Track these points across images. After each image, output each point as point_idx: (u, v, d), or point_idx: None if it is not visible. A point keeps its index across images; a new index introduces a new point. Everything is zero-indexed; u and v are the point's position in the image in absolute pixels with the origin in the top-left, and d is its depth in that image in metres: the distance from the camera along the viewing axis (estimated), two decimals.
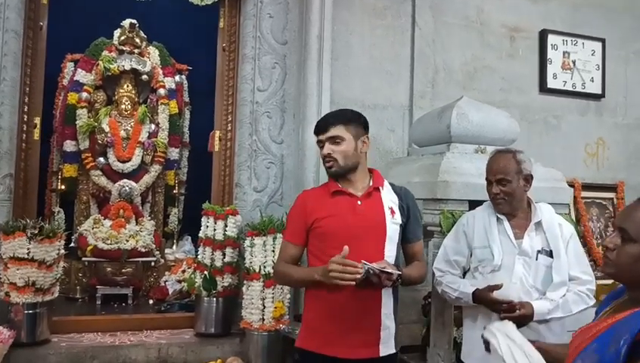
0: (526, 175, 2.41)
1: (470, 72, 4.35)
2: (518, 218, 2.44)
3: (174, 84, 5.40)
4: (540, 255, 2.36)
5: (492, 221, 2.45)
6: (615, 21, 4.84)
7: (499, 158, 2.45)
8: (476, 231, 2.48)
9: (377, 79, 4.00)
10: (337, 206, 2.23)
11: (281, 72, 3.77)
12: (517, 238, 2.40)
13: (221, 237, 3.46)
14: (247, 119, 3.71)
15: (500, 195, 2.40)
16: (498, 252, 2.39)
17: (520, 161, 2.40)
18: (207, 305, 3.46)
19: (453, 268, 2.56)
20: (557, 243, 2.36)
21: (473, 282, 2.48)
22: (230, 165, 3.84)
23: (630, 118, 4.91)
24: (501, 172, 2.40)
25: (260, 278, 3.28)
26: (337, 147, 2.22)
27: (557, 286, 2.33)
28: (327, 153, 2.22)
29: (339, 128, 2.22)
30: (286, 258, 2.27)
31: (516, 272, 2.37)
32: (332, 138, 2.21)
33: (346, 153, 2.22)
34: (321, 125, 2.24)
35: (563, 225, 2.42)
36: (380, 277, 2.03)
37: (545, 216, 2.41)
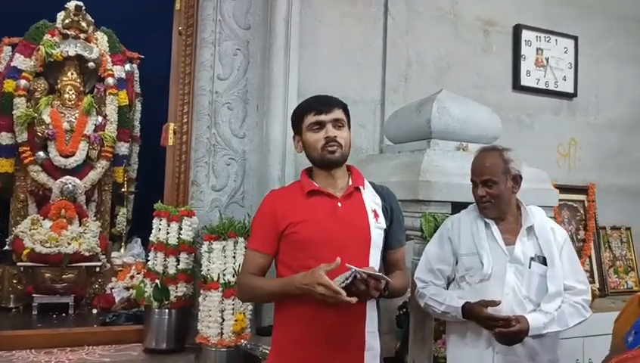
0: (514, 176, 2.18)
1: (443, 66, 4.11)
2: (507, 222, 2.22)
3: (124, 73, 5.03)
4: (533, 262, 2.15)
5: (480, 226, 2.22)
6: (587, 19, 4.71)
7: (485, 157, 2.22)
8: (463, 237, 2.24)
9: (347, 71, 3.71)
10: (314, 208, 1.92)
11: (244, 59, 3.44)
12: (507, 244, 2.18)
13: (175, 241, 3.11)
14: (206, 110, 3.36)
15: (486, 197, 2.17)
16: (487, 259, 2.16)
17: (508, 160, 2.18)
18: (158, 318, 3.10)
19: (437, 278, 2.31)
20: (550, 249, 2.16)
21: (460, 293, 2.24)
22: (186, 161, 3.48)
23: (602, 118, 4.79)
24: (488, 173, 2.17)
25: (219, 288, 2.93)
26: (340, 131, 1.94)
27: (553, 297, 2.11)
28: (333, 135, 1.91)
29: (340, 112, 1.96)
30: (252, 269, 1.95)
31: (508, 282, 2.14)
32: (336, 121, 1.93)
33: (347, 141, 1.96)
34: (324, 104, 1.94)
35: (556, 230, 2.22)
36: (368, 284, 1.74)
37: (536, 220, 2.20)
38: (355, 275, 1.72)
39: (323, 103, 1.96)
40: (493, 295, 2.13)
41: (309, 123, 1.94)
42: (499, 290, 2.13)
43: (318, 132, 1.93)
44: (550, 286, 2.12)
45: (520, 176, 2.21)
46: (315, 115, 1.93)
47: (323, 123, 1.92)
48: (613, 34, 4.83)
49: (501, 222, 2.22)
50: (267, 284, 1.93)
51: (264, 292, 1.95)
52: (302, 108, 1.99)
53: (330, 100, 1.98)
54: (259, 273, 1.95)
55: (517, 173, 2.20)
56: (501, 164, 2.18)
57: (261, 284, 1.93)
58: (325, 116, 1.92)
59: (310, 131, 1.94)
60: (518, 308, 2.12)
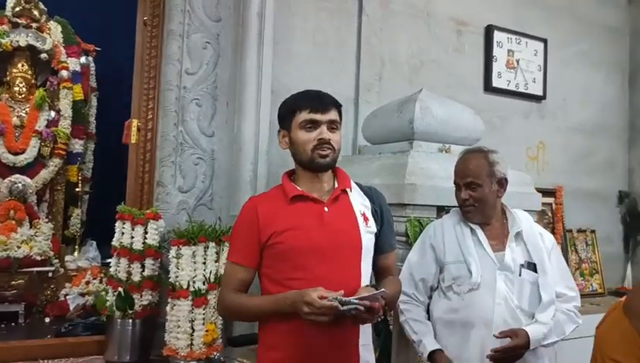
0: (499, 179, 2.10)
1: (416, 65, 4.02)
2: (492, 227, 2.13)
3: (79, 66, 4.76)
4: (524, 270, 2.05)
5: (466, 232, 2.12)
6: (556, 22, 4.73)
7: (469, 159, 2.13)
8: (448, 244, 2.13)
9: (321, 68, 3.57)
10: (300, 215, 1.77)
11: (214, 53, 3.24)
12: (495, 251, 2.07)
13: (140, 246, 2.89)
14: (173, 106, 3.15)
15: (469, 201, 2.08)
16: (476, 267, 2.05)
17: (493, 162, 2.09)
18: (121, 328, 2.87)
19: (419, 291, 2.20)
20: (540, 255, 2.08)
21: (448, 304, 2.12)
22: (150, 160, 3.26)
23: (569, 122, 4.81)
24: (471, 175, 2.08)
25: (189, 296, 2.74)
26: (334, 134, 1.79)
27: (546, 305, 2.04)
28: (327, 137, 1.76)
29: (336, 113, 1.81)
30: (234, 285, 1.78)
31: (499, 291, 2.04)
32: (332, 122, 1.78)
33: (339, 145, 1.82)
34: (321, 102, 1.78)
35: (544, 235, 2.16)
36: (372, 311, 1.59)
37: (524, 225, 2.11)
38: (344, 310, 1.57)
39: (320, 100, 1.79)
40: (484, 305, 2.03)
41: (303, 120, 1.78)
42: (490, 300, 2.03)
43: (311, 132, 1.77)
44: (543, 295, 2.04)
45: (506, 179, 2.12)
46: (311, 113, 1.77)
47: (318, 123, 1.77)
48: (581, 38, 4.87)
49: (487, 228, 2.13)
50: (254, 304, 1.76)
51: (249, 312, 1.79)
52: (296, 102, 1.82)
53: (327, 99, 1.82)
54: (242, 289, 1.79)
55: (503, 176, 2.11)
56: (486, 166, 2.09)
57: (246, 303, 1.77)
58: (321, 116, 1.76)
59: (302, 130, 1.79)
60: (511, 320, 2.02)
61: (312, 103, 1.77)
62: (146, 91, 3.29)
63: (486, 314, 2.04)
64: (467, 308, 2.08)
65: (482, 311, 2.05)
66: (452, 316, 2.10)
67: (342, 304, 1.54)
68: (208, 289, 2.77)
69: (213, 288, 2.77)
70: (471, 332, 2.05)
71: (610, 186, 5.06)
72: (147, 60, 3.32)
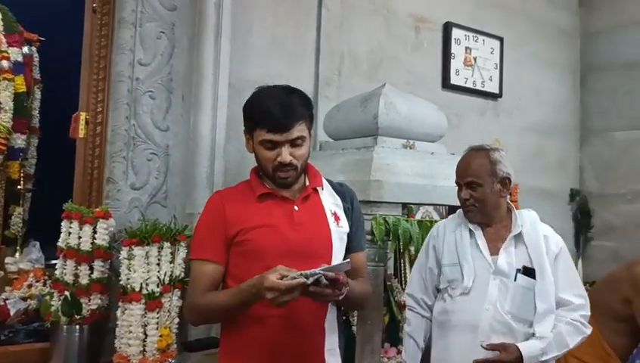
0: (502, 178, 2.02)
1: (375, 61, 3.97)
2: (495, 229, 2.05)
3: (21, 56, 4.42)
4: (519, 274, 1.96)
5: (464, 234, 2.04)
6: (511, 22, 4.79)
7: (470, 157, 2.06)
8: (446, 245, 2.07)
9: (280, 62, 3.46)
10: (269, 213, 1.67)
11: (169, 44, 3.08)
12: (493, 254, 2.00)
13: (88, 246, 2.71)
14: (124, 99, 2.97)
15: (470, 201, 2.00)
16: (468, 271, 1.99)
17: (495, 161, 2.02)
18: (68, 335, 2.68)
19: (428, 295, 2.15)
20: (541, 260, 1.97)
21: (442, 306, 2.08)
22: (100, 155, 3.07)
23: (523, 121, 4.88)
24: (472, 174, 2.01)
25: (141, 299, 2.58)
26: (298, 150, 1.66)
27: (543, 315, 1.93)
28: (286, 160, 1.64)
29: (302, 127, 1.65)
30: (205, 284, 1.66)
31: (489, 296, 1.96)
32: (295, 140, 1.64)
33: (305, 157, 1.69)
34: (282, 120, 1.61)
35: (549, 237, 2.03)
36: (335, 285, 1.50)
37: (526, 227, 2.02)
38: (320, 277, 1.48)
39: (282, 116, 1.61)
40: (472, 309, 1.96)
41: (262, 139, 1.65)
42: (479, 305, 1.96)
43: (271, 151, 1.65)
44: (539, 304, 1.94)
45: (509, 179, 2.05)
46: (269, 133, 1.62)
47: (278, 144, 1.64)
48: (534, 39, 4.95)
49: (488, 229, 2.05)
50: (223, 299, 1.63)
51: (221, 309, 1.63)
52: (256, 117, 1.66)
53: (291, 114, 1.63)
54: (213, 287, 1.67)
55: (506, 175, 2.04)
56: (487, 165, 2.02)
57: (216, 301, 1.64)
58: (281, 137, 1.62)
59: (261, 147, 1.67)
60: (499, 326, 1.95)
61: (272, 123, 1.62)
62: (95, 83, 3.10)
63: (472, 318, 1.98)
64: (456, 312, 2.03)
65: (469, 315, 1.99)
66: (444, 318, 2.06)
67: (307, 277, 1.45)
68: (162, 291, 2.62)
69: (168, 291, 2.63)
70: (458, 336, 2.00)
71: (562, 184, 5.17)
72: (97, 50, 3.13)
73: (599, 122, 5.19)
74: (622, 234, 4.95)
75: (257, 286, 1.49)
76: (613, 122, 5.09)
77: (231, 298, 1.60)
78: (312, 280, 1.45)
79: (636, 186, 4.92)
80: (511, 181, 2.06)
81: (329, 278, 1.48)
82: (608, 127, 5.12)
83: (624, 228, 4.95)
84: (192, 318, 1.76)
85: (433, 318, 2.12)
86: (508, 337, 1.95)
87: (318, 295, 1.50)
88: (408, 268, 2.99)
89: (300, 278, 1.44)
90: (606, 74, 5.15)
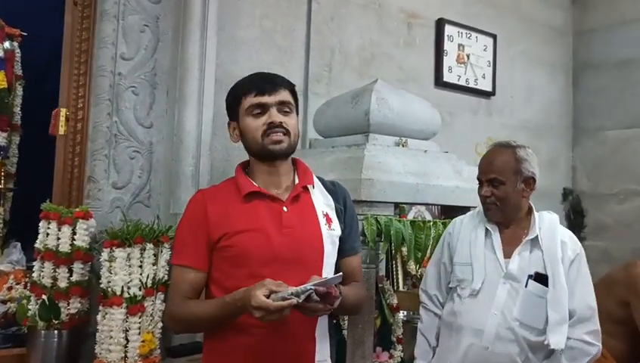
0: (526, 177, 1.94)
1: (367, 58, 3.88)
2: (513, 230, 1.96)
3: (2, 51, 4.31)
4: (530, 281, 1.87)
5: (480, 234, 1.95)
6: (504, 19, 4.72)
7: (495, 153, 1.98)
8: (460, 244, 1.99)
9: (268, 56, 3.36)
10: (255, 215, 1.57)
11: (153, 37, 2.97)
12: (507, 257, 1.91)
13: (67, 248, 2.59)
14: (106, 94, 2.86)
15: (491, 199, 1.91)
16: (479, 272, 1.90)
17: (521, 159, 1.93)
18: (45, 340, 2.56)
19: (442, 293, 2.08)
20: (555, 267, 1.87)
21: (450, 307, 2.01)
22: (81, 153, 2.95)
23: (515, 119, 4.81)
24: (495, 171, 1.92)
25: (123, 303, 2.47)
26: (287, 117, 1.59)
27: (557, 325, 1.83)
28: (278, 120, 1.55)
29: (287, 94, 1.60)
30: (186, 291, 1.56)
31: (497, 300, 1.88)
32: (282, 104, 1.58)
33: (295, 129, 1.61)
34: (267, 83, 1.59)
35: (567, 243, 1.93)
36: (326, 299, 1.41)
37: (544, 230, 1.92)
38: (311, 294, 1.39)
39: (266, 81, 1.60)
40: (479, 313, 1.88)
41: (249, 106, 1.58)
42: (486, 309, 1.87)
43: (260, 118, 1.58)
44: (551, 313, 1.84)
45: (534, 178, 1.96)
46: (257, 96, 1.57)
47: (266, 106, 1.57)
48: (527, 37, 4.89)
49: (505, 230, 1.96)
50: (205, 310, 1.54)
51: (202, 320, 1.54)
52: (241, 87, 1.63)
53: (275, 79, 1.63)
54: (195, 295, 1.57)
55: (531, 175, 1.95)
56: (512, 163, 1.93)
57: (197, 311, 1.54)
58: (269, 98, 1.57)
59: (250, 116, 1.59)
60: (504, 332, 1.86)
61: (258, 84, 1.59)
62: (76, 77, 2.98)
63: (478, 322, 1.90)
64: (463, 314, 1.95)
65: (475, 318, 1.91)
66: (451, 319, 1.99)
67: (297, 295, 1.35)
68: (145, 295, 2.51)
69: (150, 294, 2.52)
70: (462, 338, 1.92)
71: (555, 184, 5.11)
72: (78, 44, 3.01)
73: (591, 121, 5.14)
74: (613, 234, 4.90)
75: (243, 300, 1.40)
76: (605, 121, 5.04)
77: (214, 310, 1.51)
78: (303, 298, 1.36)
79: (628, 185, 4.87)
80: (535, 181, 1.97)
81: (320, 293, 1.39)
82: (600, 126, 5.07)
83: (616, 228, 4.90)
84: (171, 326, 1.67)
85: (442, 319, 2.04)
86: (514, 344, 1.87)
87: (308, 310, 1.41)
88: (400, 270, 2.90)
89: (291, 298, 1.35)
90: (598, 73, 5.10)
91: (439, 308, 2.06)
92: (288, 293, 1.36)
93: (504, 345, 1.86)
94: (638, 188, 4.81)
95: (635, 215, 4.79)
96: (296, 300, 1.35)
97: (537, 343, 1.86)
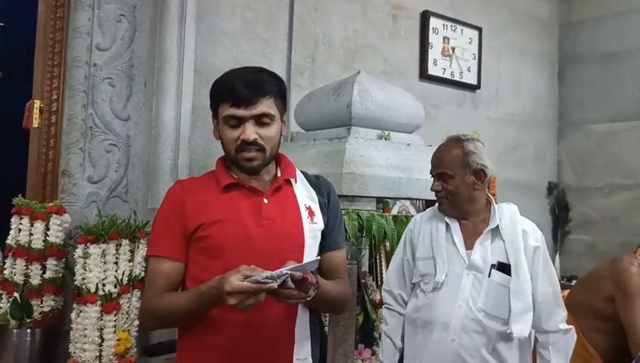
0: (475, 170, 1.90)
1: (351, 49, 3.82)
2: (473, 223, 1.94)
3: None
4: (493, 270, 1.86)
5: (440, 227, 1.93)
6: (490, 11, 4.67)
7: (443, 148, 1.98)
8: (422, 239, 1.96)
9: (250, 48, 3.29)
10: (233, 206, 1.51)
11: (129, 27, 2.89)
12: (469, 248, 1.89)
13: (40, 244, 2.52)
14: (81, 86, 2.77)
15: (441, 193, 1.89)
16: (441, 265, 1.88)
17: (468, 152, 1.90)
18: (17, 340, 2.49)
19: (407, 292, 2.04)
20: (517, 256, 1.86)
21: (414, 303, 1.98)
22: (55, 146, 2.86)
23: (501, 112, 4.78)
24: (443, 166, 1.91)
25: (97, 301, 2.40)
26: (265, 129, 1.50)
27: (520, 314, 1.82)
28: (252, 138, 1.48)
29: (269, 103, 1.50)
30: (163, 284, 1.50)
31: (462, 292, 1.86)
32: (261, 116, 1.49)
33: (275, 139, 1.53)
34: (245, 93, 1.48)
35: (528, 233, 1.92)
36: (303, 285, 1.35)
37: (504, 221, 1.91)
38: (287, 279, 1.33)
39: (248, 87, 1.48)
40: (444, 305, 1.85)
41: (225, 115, 1.50)
42: (451, 301, 1.85)
43: (235, 130, 1.50)
44: (514, 302, 1.83)
45: (483, 170, 1.92)
46: (232, 107, 1.48)
47: (242, 120, 1.49)
48: (513, 28, 4.85)
49: (465, 223, 1.94)
50: (179, 302, 1.46)
51: (177, 313, 1.47)
52: (219, 91, 1.54)
53: (258, 86, 1.49)
54: (171, 288, 1.50)
55: (480, 167, 1.91)
56: (460, 156, 1.90)
57: (172, 304, 1.47)
58: (244, 111, 1.47)
59: (226, 126, 1.52)
60: (471, 323, 1.84)
61: (235, 94, 1.48)
62: (50, 68, 2.88)
63: (444, 315, 1.88)
64: (428, 308, 1.93)
65: (441, 311, 1.89)
66: (416, 315, 1.96)
67: (273, 279, 1.30)
68: (120, 292, 2.44)
69: (126, 291, 2.46)
70: (430, 333, 1.90)
71: (540, 177, 5.09)
72: (52, 34, 2.91)
73: (577, 115, 5.11)
74: (599, 228, 4.89)
75: (218, 288, 1.34)
76: (591, 115, 5.02)
77: (189, 301, 1.44)
78: (279, 282, 1.30)
79: (613, 179, 4.86)
80: (486, 173, 1.93)
81: (295, 279, 1.33)
82: (586, 119, 5.05)
83: (601, 222, 4.89)
84: (146, 321, 1.60)
85: (405, 316, 2.00)
86: (481, 335, 1.85)
87: (282, 296, 1.34)
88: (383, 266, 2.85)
89: (269, 282, 1.29)
90: (584, 66, 5.08)
91: (404, 308, 2.03)
92: (263, 277, 1.30)
93: (470, 336, 1.84)
94: (623, 182, 4.80)
95: (620, 208, 4.78)
96: (272, 283, 1.29)
97: (503, 334, 1.85)
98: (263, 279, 1.30)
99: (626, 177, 4.78)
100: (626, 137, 4.80)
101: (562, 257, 5.00)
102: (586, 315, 2.49)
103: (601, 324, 2.50)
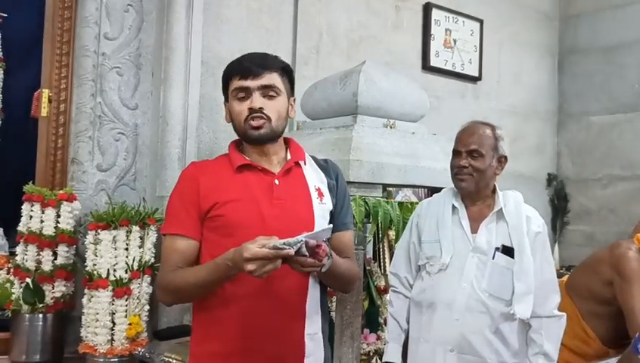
0: (500, 156, 1.97)
1: (355, 40, 3.85)
2: (479, 208, 1.98)
3: None
4: (498, 253, 1.90)
5: (447, 210, 1.97)
6: (491, 4, 4.70)
7: (476, 127, 2.00)
8: (428, 222, 2.00)
9: (255, 37, 3.32)
10: (246, 186, 1.55)
11: (137, 17, 2.92)
12: (474, 231, 1.93)
13: (51, 231, 2.57)
14: (90, 75, 2.81)
15: (468, 169, 1.92)
16: (447, 247, 1.92)
17: (499, 137, 1.97)
18: (30, 324, 2.54)
19: (412, 275, 2.07)
20: (521, 239, 1.90)
21: (419, 284, 2.01)
22: (64, 135, 2.90)
23: (502, 104, 4.82)
24: (477, 143, 1.93)
25: (108, 286, 2.45)
26: (271, 101, 1.54)
27: (522, 295, 1.87)
28: (259, 106, 1.53)
29: (275, 76, 1.55)
30: (177, 261, 1.53)
31: (466, 273, 1.90)
32: (266, 88, 1.53)
33: (281, 113, 1.57)
34: (253, 65, 1.54)
35: (532, 219, 1.96)
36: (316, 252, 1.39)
37: (509, 205, 1.96)
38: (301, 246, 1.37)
39: (252, 63, 1.55)
40: (448, 286, 1.89)
41: (234, 89, 1.56)
42: (456, 282, 1.89)
43: (244, 102, 1.54)
44: (517, 284, 1.87)
45: (506, 158, 1.98)
46: (240, 79, 1.54)
47: (249, 90, 1.54)
48: (514, 20, 4.88)
49: (471, 208, 1.99)
50: (195, 275, 1.50)
51: (193, 286, 1.50)
52: (229, 69, 1.60)
53: (262, 61, 1.56)
54: (186, 265, 1.54)
55: (504, 154, 1.97)
56: (492, 139, 1.96)
57: (187, 278, 1.50)
58: (252, 82, 1.53)
59: (235, 100, 1.56)
60: (475, 304, 1.89)
61: (242, 67, 1.54)
62: (58, 58, 2.93)
63: (448, 296, 1.93)
64: (433, 289, 1.96)
65: (445, 292, 1.93)
66: (421, 296, 1.99)
67: (290, 246, 1.34)
68: (131, 277, 2.49)
69: (137, 277, 2.50)
70: (435, 313, 1.94)
71: (539, 168, 5.13)
72: (60, 23, 2.95)
73: (576, 106, 5.16)
74: (597, 219, 4.95)
75: (234, 259, 1.38)
76: (590, 106, 5.07)
77: (205, 274, 1.48)
78: (295, 249, 1.35)
79: (612, 171, 4.92)
80: (506, 161, 1.99)
81: (310, 246, 1.38)
82: (585, 111, 5.10)
83: (600, 213, 4.95)
84: (163, 296, 1.64)
85: (411, 298, 2.05)
86: (484, 316, 1.89)
87: (297, 263, 1.39)
88: (387, 252, 2.90)
89: (286, 248, 1.34)
90: (584, 58, 5.12)
91: (409, 291, 2.07)
92: (280, 243, 1.34)
93: (474, 317, 1.88)
94: (622, 173, 4.85)
95: (618, 199, 4.84)
96: (289, 249, 1.33)
97: (506, 315, 1.90)
98: (281, 245, 1.34)
99: (625, 168, 4.84)
100: (625, 128, 4.85)
101: (561, 247, 5.05)
102: (585, 299, 2.54)
103: (600, 308, 2.54)
